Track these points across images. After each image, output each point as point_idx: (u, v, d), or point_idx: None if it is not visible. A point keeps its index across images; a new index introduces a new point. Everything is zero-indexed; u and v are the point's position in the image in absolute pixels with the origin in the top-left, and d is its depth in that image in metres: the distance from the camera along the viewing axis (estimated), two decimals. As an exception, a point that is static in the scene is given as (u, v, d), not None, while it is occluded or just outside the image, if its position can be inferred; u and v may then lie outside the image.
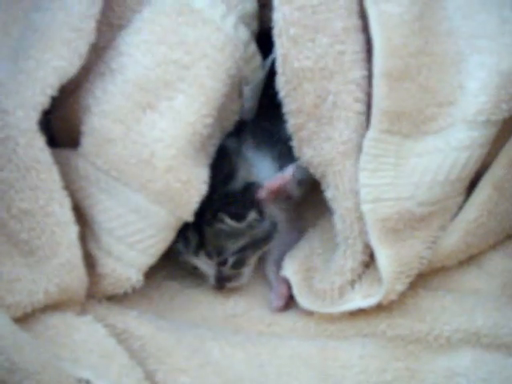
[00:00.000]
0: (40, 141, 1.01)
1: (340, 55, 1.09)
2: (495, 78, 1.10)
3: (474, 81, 1.12)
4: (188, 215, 1.11)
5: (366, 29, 1.11)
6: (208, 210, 1.13)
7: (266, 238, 1.21)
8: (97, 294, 1.13)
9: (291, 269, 1.21)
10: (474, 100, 1.11)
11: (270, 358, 1.09)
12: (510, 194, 1.18)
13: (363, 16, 1.11)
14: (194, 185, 1.10)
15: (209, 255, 1.16)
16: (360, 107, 1.10)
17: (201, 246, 1.16)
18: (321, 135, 1.12)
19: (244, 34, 1.13)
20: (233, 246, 1.17)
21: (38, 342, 0.97)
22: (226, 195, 1.16)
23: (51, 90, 1.01)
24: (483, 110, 1.10)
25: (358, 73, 1.10)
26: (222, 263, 1.17)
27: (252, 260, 1.21)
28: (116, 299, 1.17)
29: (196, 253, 1.16)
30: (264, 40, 1.17)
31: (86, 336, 1.03)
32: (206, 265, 1.18)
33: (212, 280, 1.19)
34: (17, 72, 1.01)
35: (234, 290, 1.24)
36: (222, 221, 1.14)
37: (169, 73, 1.08)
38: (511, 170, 1.17)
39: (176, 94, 1.08)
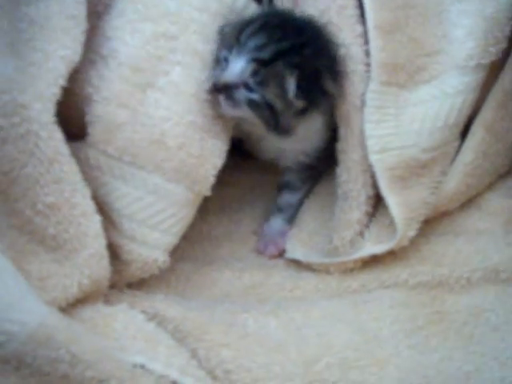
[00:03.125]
0: (59, 132, 1.00)
1: (342, 9, 1.12)
2: (481, 23, 1.15)
3: (458, 28, 1.17)
4: (206, 189, 1.11)
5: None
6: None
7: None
8: (121, 281, 1.12)
9: (296, 247, 1.24)
10: (462, 46, 1.16)
11: (305, 320, 1.10)
12: (501, 135, 1.24)
13: None
14: (208, 159, 1.10)
15: (263, 61, 1.06)
16: (368, 60, 1.13)
17: (261, 48, 1.07)
18: None
19: None
20: (272, 91, 1.08)
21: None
22: (316, 75, 1.10)
23: (62, 80, 1.00)
24: (473, 54, 1.15)
25: (361, 27, 1.13)
26: (255, 72, 1.07)
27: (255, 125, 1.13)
28: (134, 287, 1.15)
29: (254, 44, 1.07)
30: None
31: (125, 323, 1.02)
32: (237, 62, 1.07)
33: (226, 77, 1.07)
34: (25, 66, 0.99)
35: (248, 262, 1.24)
36: (290, 72, 1.07)
37: (159, 47, 1.07)
38: (500, 112, 1.22)
39: (172, 67, 1.07)
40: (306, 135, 1.17)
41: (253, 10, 1.16)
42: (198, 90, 1.08)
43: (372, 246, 1.16)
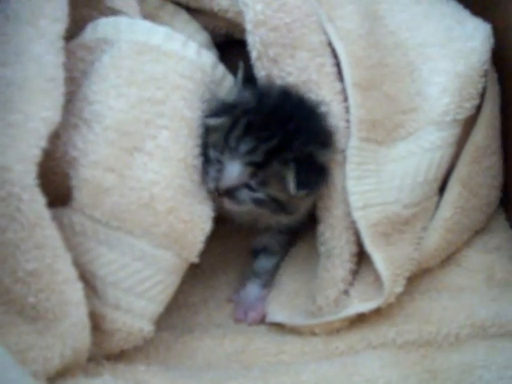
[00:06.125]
0: (41, 196, 0.95)
1: (321, 67, 1.12)
2: (454, 80, 1.17)
3: (432, 86, 1.19)
4: (194, 256, 1.08)
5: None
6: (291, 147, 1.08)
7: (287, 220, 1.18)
8: (100, 353, 1.07)
9: (278, 310, 1.21)
10: (438, 103, 1.17)
11: (296, 385, 1.06)
12: (476, 190, 1.25)
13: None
14: (197, 224, 1.07)
15: (258, 164, 1.07)
16: (347, 117, 1.13)
17: (252, 152, 1.07)
18: None
19: (208, 57, 1.13)
20: (274, 188, 1.09)
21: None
22: (310, 158, 1.09)
23: (43, 142, 0.96)
24: (448, 110, 1.16)
25: (340, 84, 1.13)
26: (254, 174, 1.08)
27: (260, 213, 1.14)
28: (113, 359, 1.10)
29: (242, 152, 1.07)
30: None
31: (110, 396, 0.97)
32: (233, 166, 1.07)
33: (225, 182, 1.08)
34: (4, 127, 0.96)
35: (228, 328, 1.21)
36: (287, 170, 1.07)
37: (146, 111, 1.06)
38: (474, 167, 1.23)
39: (159, 131, 1.05)
40: (305, 205, 1.16)
41: (229, 81, 1.17)
42: (186, 155, 1.07)
43: (359, 305, 1.14)
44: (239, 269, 1.34)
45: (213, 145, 1.09)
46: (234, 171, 1.07)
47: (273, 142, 1.06)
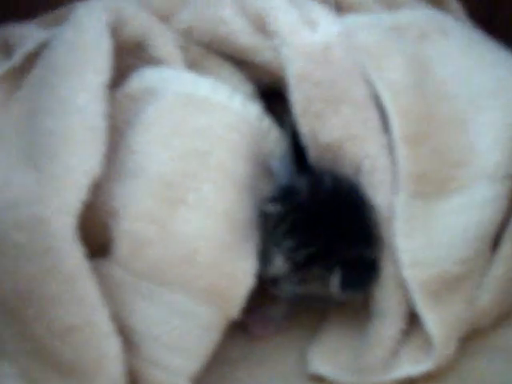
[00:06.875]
0: (80, 248, 0.94)
1: (366, 121, 1.10)
2: (506, 132, 1.14)
3: (483, 138, 1.15)
4: (235, 312, 1.05)
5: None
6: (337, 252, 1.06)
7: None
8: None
9: (321, 362, 1.16)
10: (489, 156, 1.14)
11: None
12: (531, 247, 1.19)
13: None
14: (239, 279, 1.04)
15: (298, 263, 1.06)
16: (395, 170, 1.10)
17: (293, 251, 1.06)
18: None
19: (254, 109, 1.11)
20: (315, 286, 1.09)
21: None
22: (357, 258, 1.08)
23: (85, 194, 0.96)
24: (500, 164, 1.13)
25: (385, 137, 1.11)
26: (295, 271, 1.07)
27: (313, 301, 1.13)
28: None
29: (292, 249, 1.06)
30: None
31: None
32: (278, 259, 1.07)
33: (270, 272, 1.08)
34: (46, 179, 0.96)
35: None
36: (332, 275, 1.06)
37: (190, 163, 1.04)
38: (528, 222, 1.17)
39: (203, 184, 1.04)
40: None
41: (275, 134, 1.15)
42: (230, 209, 1.05)
43: (409, 367, 1.09)
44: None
45: (263, 238, 1.09)
46: (277, 264, 1.07)
47: (313, 249, 1.06)
